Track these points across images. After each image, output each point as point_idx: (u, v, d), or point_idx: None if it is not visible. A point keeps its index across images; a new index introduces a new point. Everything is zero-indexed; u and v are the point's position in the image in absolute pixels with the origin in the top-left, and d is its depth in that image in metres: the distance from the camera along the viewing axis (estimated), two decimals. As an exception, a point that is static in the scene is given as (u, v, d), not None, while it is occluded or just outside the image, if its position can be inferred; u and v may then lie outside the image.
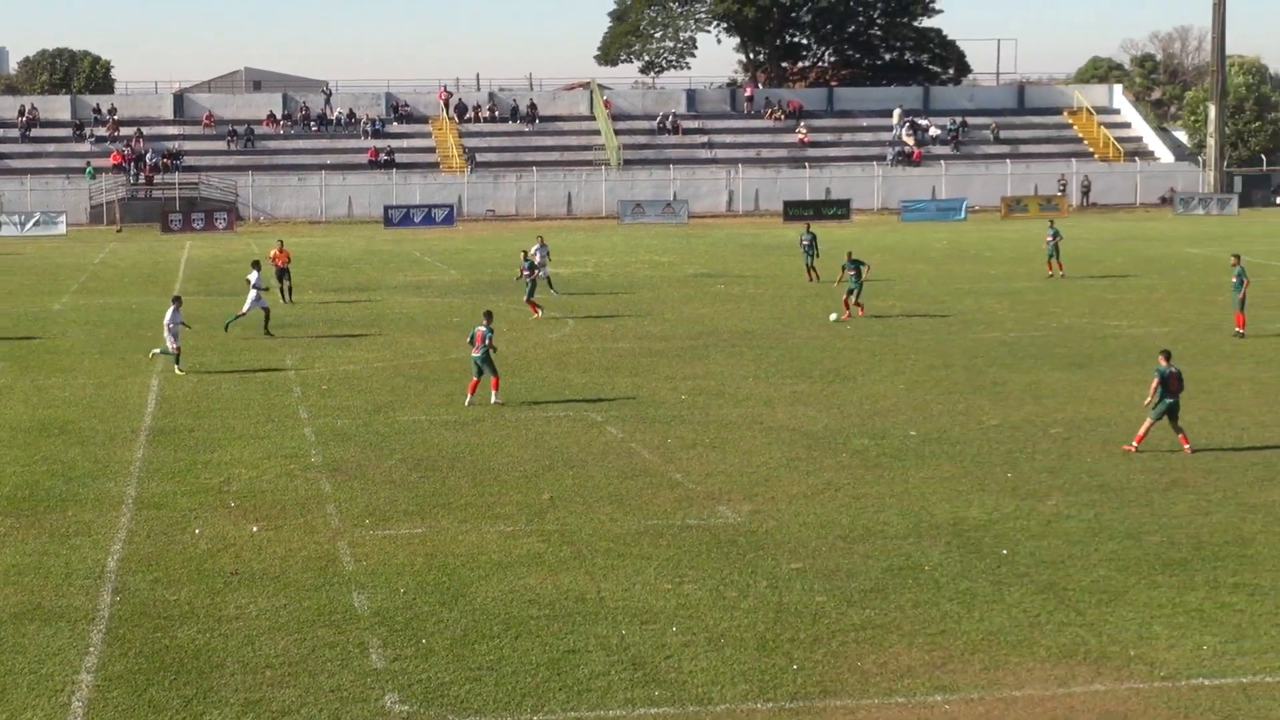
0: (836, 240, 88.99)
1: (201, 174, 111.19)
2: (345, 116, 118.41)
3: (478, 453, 33.51)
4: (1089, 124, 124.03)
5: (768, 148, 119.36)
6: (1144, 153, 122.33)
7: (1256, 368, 42.73)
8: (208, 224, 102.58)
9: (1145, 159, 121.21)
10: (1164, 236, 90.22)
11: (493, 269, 73.36)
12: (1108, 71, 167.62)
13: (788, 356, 46.27)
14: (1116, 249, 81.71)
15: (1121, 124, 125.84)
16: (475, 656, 21.11)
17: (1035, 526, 27.20)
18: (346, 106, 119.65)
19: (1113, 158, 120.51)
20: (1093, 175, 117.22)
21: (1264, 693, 19.58)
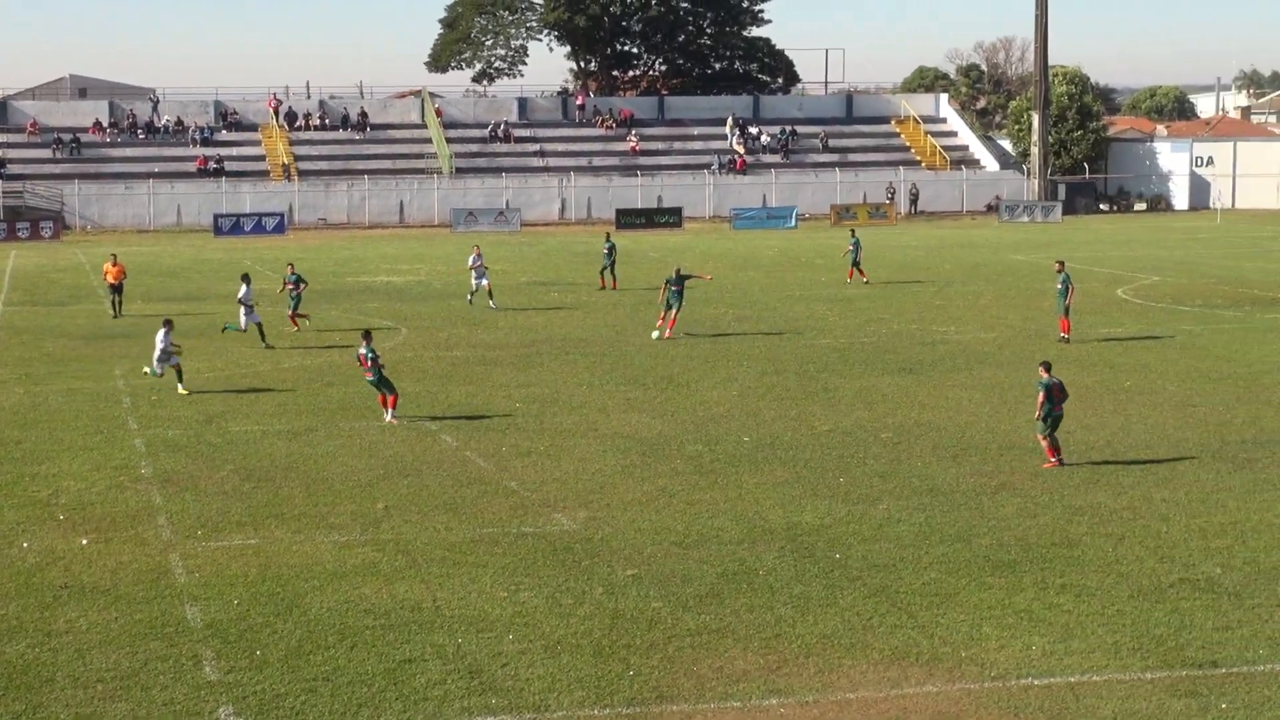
0: (670, 249, 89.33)
1: (26, 183, 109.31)
2: (173, 124, 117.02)
3: (311, 462, 33.28)
4: (916, 133, 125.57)
5: (599, 156, 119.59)
6: (970, 161, 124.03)
7: (1080, 372, 43.49)
8: (33, 233, 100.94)
9: (971, 167, 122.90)
10: (990, 243, 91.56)
11: (325, 278, 72.84)
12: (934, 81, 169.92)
13: (621, 364, 46.41)
14: (943, 256, 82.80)
15: (948, 133, 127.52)
16: (310, 667, 20.97)
17: (867, 530, 27.51)
18: (174, 114, 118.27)
19: (939, 166, 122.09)
20: (920, 183, 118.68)
21: (1091, 691, 19.95)
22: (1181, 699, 19.67)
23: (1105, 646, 21.52)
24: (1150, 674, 20.52)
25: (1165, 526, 27.62)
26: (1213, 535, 27.02)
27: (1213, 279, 68.80)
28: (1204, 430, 36.02)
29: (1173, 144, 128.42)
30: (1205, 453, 33.60)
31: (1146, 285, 66.97)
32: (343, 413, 38.66)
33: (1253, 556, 25.73)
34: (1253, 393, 40.71)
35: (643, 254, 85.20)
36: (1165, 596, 23.68)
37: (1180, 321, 54.95)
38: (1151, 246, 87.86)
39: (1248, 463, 32.56)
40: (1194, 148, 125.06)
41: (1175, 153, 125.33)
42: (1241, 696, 19.72)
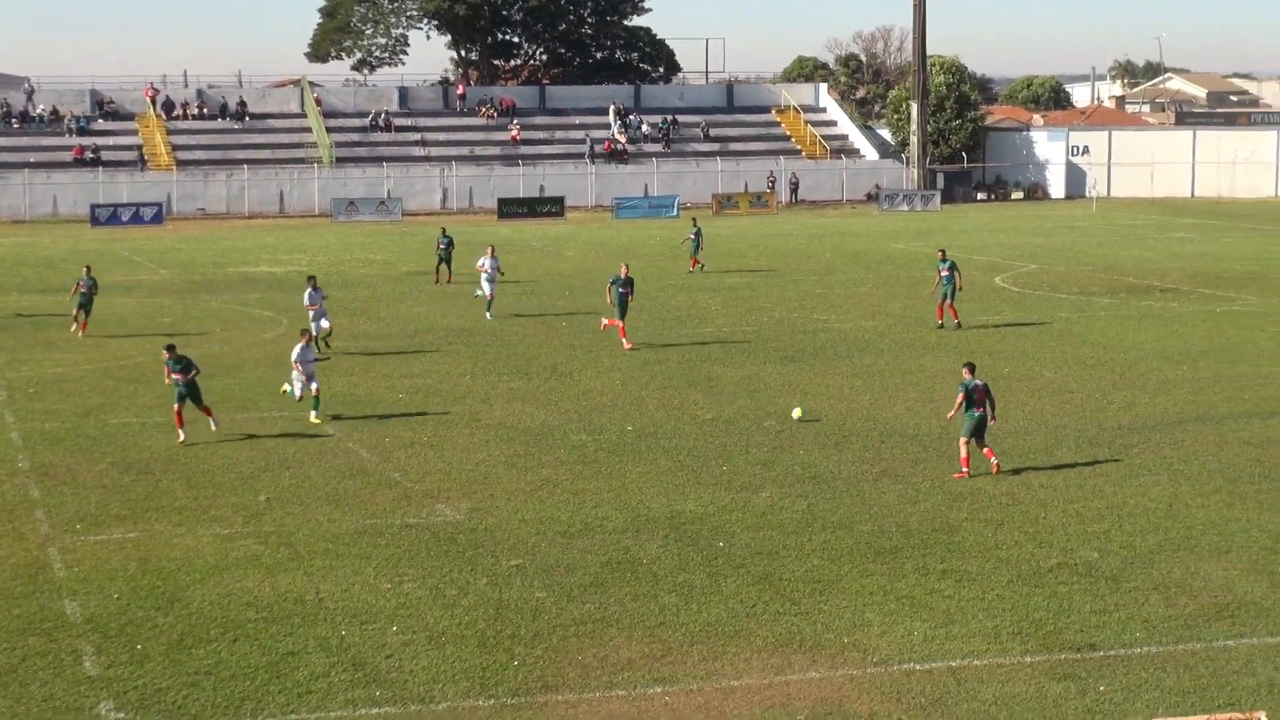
0: (553, 238, 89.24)
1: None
2: (49, 114, 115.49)
3: (191, 455, 33.03)
4: (796, 122, 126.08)
5: (481, 145, 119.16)
6: (850, 150, 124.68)
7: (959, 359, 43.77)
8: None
9: (851, 156, 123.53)
10: (869, 232, 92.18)
11: (204, 268, 72.23)
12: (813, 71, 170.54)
13: (505, 354, 46.35)
14: (824, 244, 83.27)
15: (827, 122, 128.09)
16: (192, 661, 20.84)
17: (750, 518, 27.66)
18: (50, 103, 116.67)
19: (819, 155, 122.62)
20: (801, 172, 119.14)
21: (972, 675, 20.18)
22: (1060, 682, 19.94)
23: (985, 631, 21.77)
24: (1030, 658, 20.79)
25: (1044, 512, 27.96)
26: (1090, 520, 27.39)
27: (1089, 266, 69.61)
28: (1081, 416, 36.48)
29: (1049, 133, 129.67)
30: (1082, 439, 34.03)
31: (1024, 273, 67.67)
32: (223, 404, 38.32)
33: (1129, 540, 26.11)
34: (1128, 379, 41.26)
35: (525, 243, 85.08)
36: (1044, 581, 23.98)
37: (1057, 309, 55.58)
38: (1028, 234, 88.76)
39: (1124, 448, 33.01)
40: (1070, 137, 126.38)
41: (1051, 142, 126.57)
42: (1119, 679, 20.01)
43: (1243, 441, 33.60)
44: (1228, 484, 29.89)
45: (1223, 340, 47.87)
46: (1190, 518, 27.56)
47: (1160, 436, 34.16)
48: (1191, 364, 43.51)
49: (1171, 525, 27.07)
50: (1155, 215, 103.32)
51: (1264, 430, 34.74)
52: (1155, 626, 21.96)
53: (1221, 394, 39.09)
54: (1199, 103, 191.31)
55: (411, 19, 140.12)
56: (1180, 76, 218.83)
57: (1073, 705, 19.19)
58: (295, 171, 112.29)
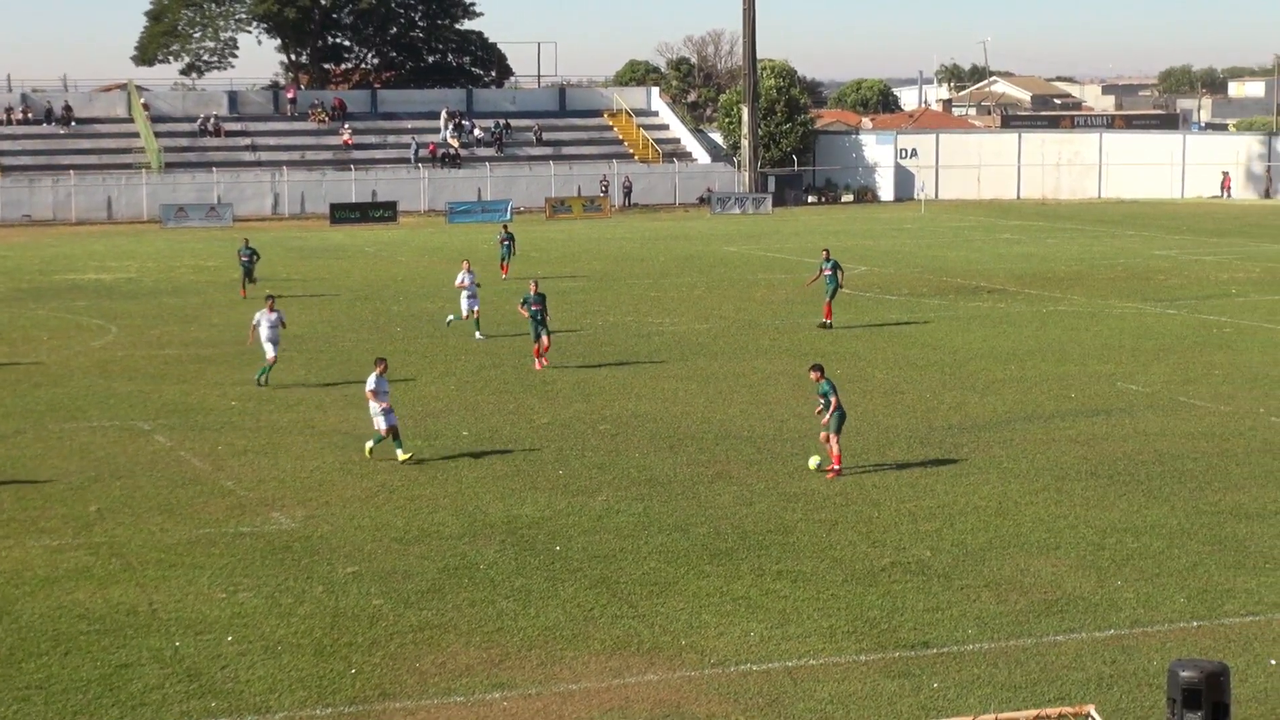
0: (385, 243, 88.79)
1: None
2: None
3: (19, 465, 32.50)
4: (629, 126, 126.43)
5: (312, 149, 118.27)
6: (682, 154, 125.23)
7: (792, 361, 44.26)
8: None
9: (683, 160, 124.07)
10: (702, 235, 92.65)
11: (31, 276, 71.03)
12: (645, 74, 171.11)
13: (339, 360, 46.07)
14: (658, 248, 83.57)
15: (660, 126, 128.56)
16: (23, 675, 20.53)
17: (587, 522, 27.73)
18: None
19: (652, 159, 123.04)
20: (634, 176, 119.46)
21: (809, 675, 20.38)
22: (895, 679, 20.20)
23: (821, 631, 22.00)
24: (865, 656, 21.04)
25: (876, 511, 28.29)
26: (922, 519, 27.76)
27: (918, 268, 70.48)
28: (912, 416, 36.95)
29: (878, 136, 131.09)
30: (913, 438, 34.47)
31: (854, 275, 68.30)
32: (51, 414, 37.78)
33: (960, 539, 26.49)
34: (958, 379, 41.85)
35: (358, 249, 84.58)
36: (878, 580, 24.27)
37: (887, 310, 56.22)
38: (859, 237, 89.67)
39: (954, 447, 33.48)
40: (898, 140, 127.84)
41: (880, 145, 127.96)
42: (952, 675, 20.31)
43: (1070, 439, 34.20)
44: (1056, 481, 30.42)
45: (1049, 340, 48.68)
46: (1020, 515, 28.02)
47: (990, 435, 34.69)
48: (1019, 363, 44.21)
49: (1002, 523, 27.51)
50: (982, 217, 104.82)
51: (1090, 428, 35.39)
52: (987, 623, 22.31)
53: (1049, 393, 39.76)
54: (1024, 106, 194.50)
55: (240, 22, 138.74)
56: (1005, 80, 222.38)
57: (907, 702, 19.45)
58: (123, 177, 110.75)
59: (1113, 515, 27.99)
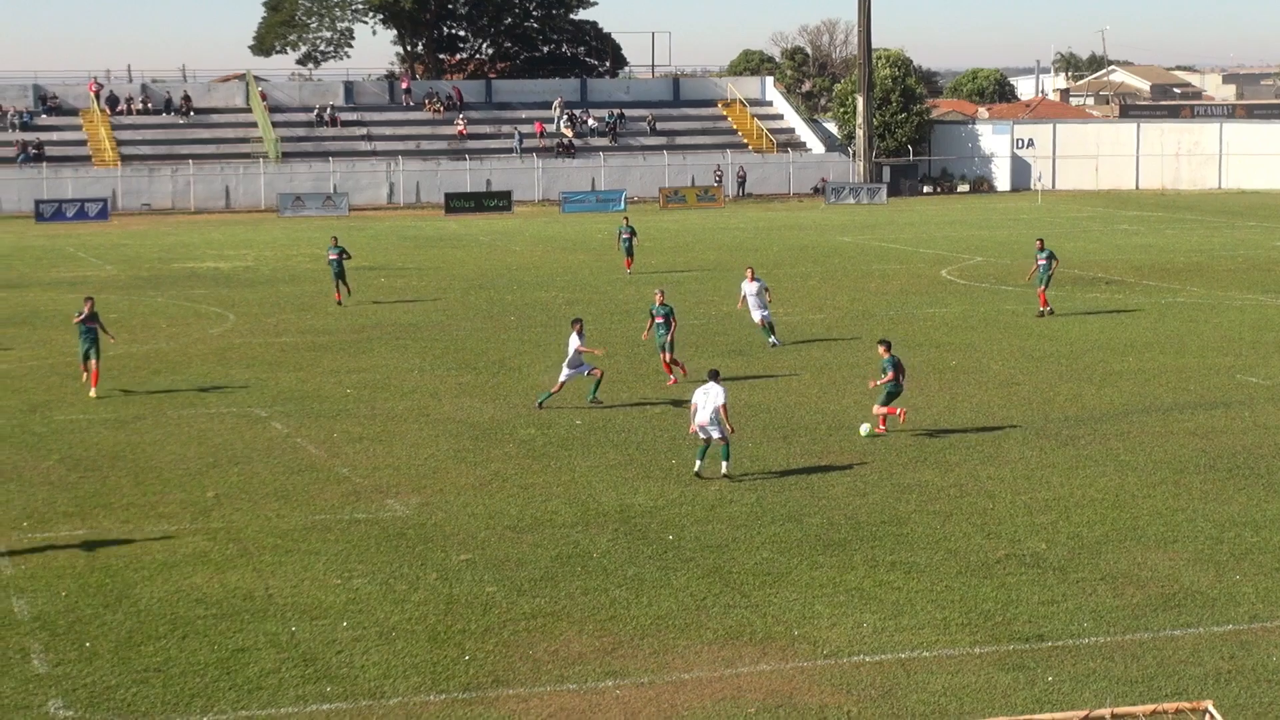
0: (500, 232, 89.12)
1: None
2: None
3: (139, 451, 32.88)
4: (743, 116, 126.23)
5: (427, 139, 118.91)
6: (796, 144, 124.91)
7: (907, 352, 43.90)
8: None
9: (797, 150, 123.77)
10: (816, 225, 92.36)
11: (150, 264, 71.86)
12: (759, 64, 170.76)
13: (453, 348, 46.30)
14: (772, 238, 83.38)
15: (774, 115, 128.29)
16: (141, 658, 20.76)
17: (700, 511, 27.70)
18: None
19: (766, 149, 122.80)
20: (748, 166, 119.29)
21: (922, 667, 20.26)
22: (1009, 672, 20.04)
23: (934, 623, 21.86)
24: (979, 649, 20.89)
25: (992, 503, 28.09)
26: (1038, 511, 27.52)
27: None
28: (1028, 408, 36.65)
29: (994, 126, 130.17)
30: (1029, 430, 34.19)
31: (970, 266, 67.93)
32: (170, 400, 38.21)
33: (1076, 531, 26.24)
34: (1074, 370, 41.47)
35: (473, 238, 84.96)
36: (992, 572, 24.09)
37: (1003, 301, 55.80)
38: (974, 227, 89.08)
39: (1070, 439, 33.18)
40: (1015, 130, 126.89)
41: (997, 135, 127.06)
42: (1067, 669, 20.13)
43: (1188, 432, 33.81)
44: (1174, 474, 30.08)
45: (1167, 332, 48.15)
46: (1137, 508, 27.73)
47: (1107, 427, 34.35)
48: (1137, 355, 43.76)
49: (1118, 516, 27.23)
50: (1100, 208, 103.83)
51: (1209, 420, 34.98)
52: (1103, 617, 22.09)
53: (1167, 385, 39.33)
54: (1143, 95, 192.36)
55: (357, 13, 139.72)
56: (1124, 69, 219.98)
57: (1021, 695, 19.30)
58: (241, 167, 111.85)
59: (1231, 509, 27.65)
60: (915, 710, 18.88)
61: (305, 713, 19.01)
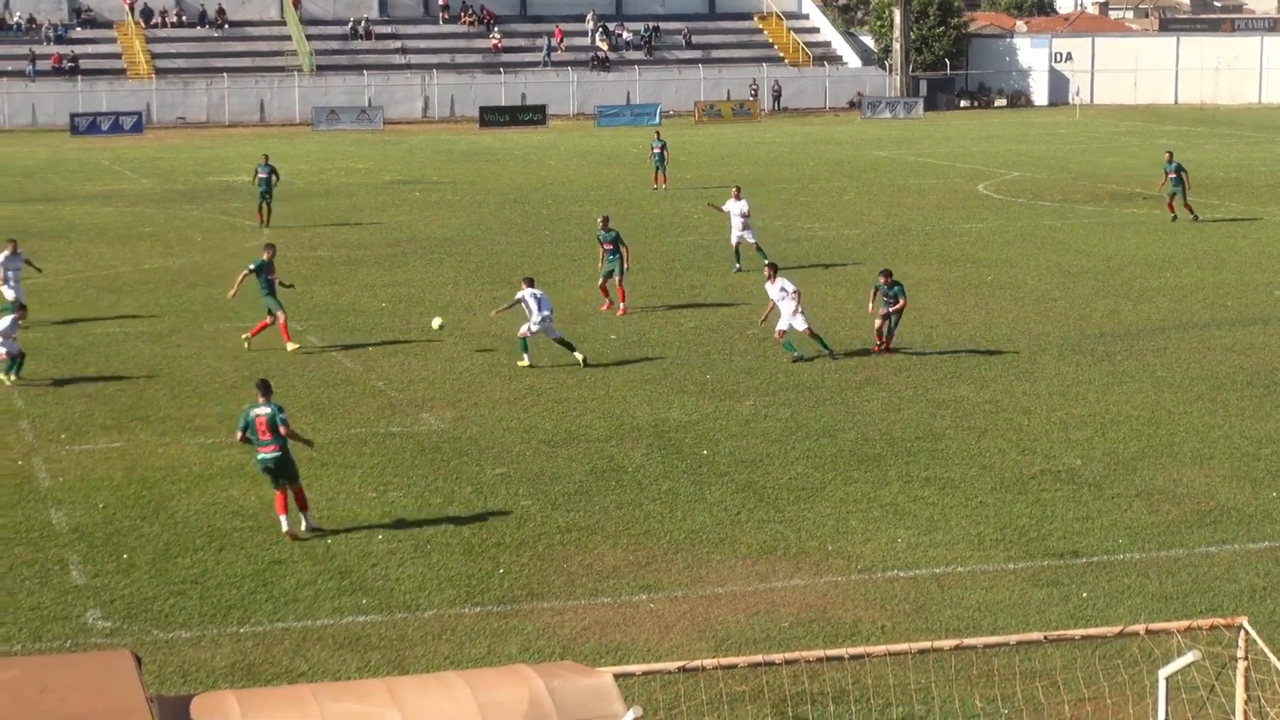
0: (534, 146, 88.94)
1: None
2: (25, 22, 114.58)
3: (175, 365, 32.98)
4: (779, 29, 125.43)
5: (462, 53, 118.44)
6: (832, 57, 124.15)
7: (943, 267, 43.93)
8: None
9: (834, 64, 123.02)
10: (853, 140, 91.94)
11: (186, 177, 71.90)
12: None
13: (488, 263, 46.28)
14: (807, 153, 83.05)
15: (810, 29, 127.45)
16: (178, 570, 20.90)
17: (734, 426, 27.71)
18: (26, 11, 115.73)
19: (802, 63, 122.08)
20: (783, 80, 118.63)
21: (955, 582, 20.29)
22: (1044, 588, 20.05)
23: (969, 538, 21.88)
24: (1013, 564, 20.90)
25: (1027, 419, 28.04)
26: (1073, 427, 27.47)
27: (1072, 174, 69.49)
28: (1064, 324, 36.53)
29: (1032, 40, 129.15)
30: (1065, 346, 34.08)
31: (1007, 181, 67.57)
32: (206, 314, 38.30)
33: (1112, 448, 26.19)
34: (1111, 286, 41.29)
35: (507, 152, 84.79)
36: (1027, 488, 24.08)
37: (1040, 216, 55.54)
38: (1012, 142, 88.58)
39: (1106, 356, 33.07)
40: (1053, 44, 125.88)
41: (1035, 49, 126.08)
42: (1102, 585, 20.13)
43: (1225, 348, 33.67)
44: (1210, 391, 29.97)
45: (1205, 248, 47.88)
46: (1173, 425, 27.65)
47: (1143, 344, 34.22)
48: (1174, 271, 43.54)
49: (1154, 432, 27.16)
50: (1139, 122, 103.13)
51: (1247, 337, 34.82)
52: (1138, 533, 22.08)
53: (1204, 301, 39.15)
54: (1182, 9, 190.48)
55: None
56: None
57: (1055, 611, 19.31)
58: (275, 80, 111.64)
59: (1269, 425, 27.55)
60: (949, 625, 18.91)
61: (341, 624, 19.13)
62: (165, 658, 18.15)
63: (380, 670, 17.67)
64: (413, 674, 16.55)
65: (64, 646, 18.52)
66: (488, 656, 18.05)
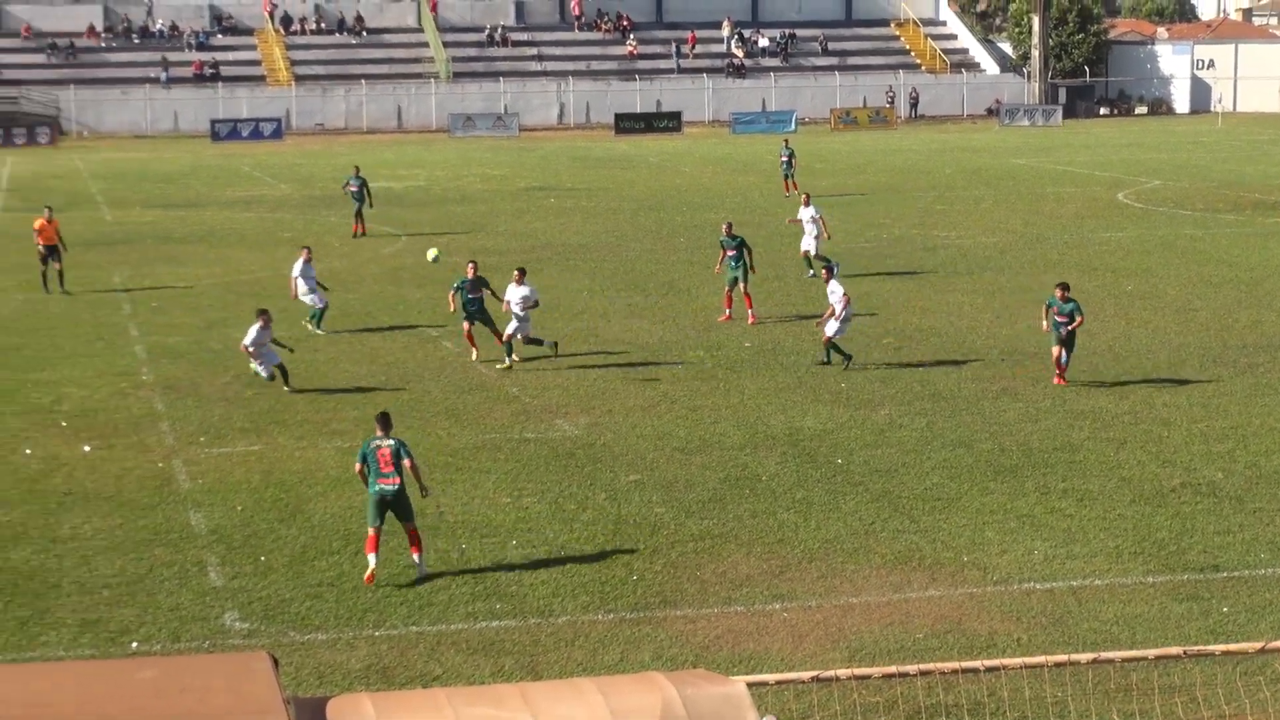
0: (669, 153, 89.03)
1: (21, 88, 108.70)
2: (168, 29, 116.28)
3: (312, 369, 33.28)
4: (916, 36, 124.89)
5: (598, 60, 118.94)
6: (970, 64, 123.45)
7: (1081, 276, 43.44)
8: (29, 139, 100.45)
9: (971, 71, 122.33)
10: (990, 148, 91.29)
11: (324, 183, 72.62)
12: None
13: (622, 269, 46.35)
14: (944, 160, 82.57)
15: (948, 35, 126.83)
16: (315, 573, 21.06)
17: (869, 435, 27.55)
18: (169, 19, 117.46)
19: (939, 69, 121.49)
20: (920, 87, 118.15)
21: (1093, 595, 20.03)
22: (1183, 602, 19.76)
23: (1107, 551, 21.60)
24: (1152, 578, 20.61)
25: (1167, 431, 27.66)
26: (1214, 440, 27.06)
27: (1214, 183, 68.61)
28: (1205, 335, 36.02)
29: (1174, 46, 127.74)
30: (1206, 357, 33.60)
31: (1147, 189, 66.80)
32: (343, 319, 38.62)
33: (1254, 460, 25.78)
34: (1254, 297, 40.68)
35: (642, 159, 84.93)
36: (1167, 501, 23.74)
37: (1181, 226, 54.84)
38: (1152, 150, 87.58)
39: (1249, 367, 32.57)
40: (1195, 50, 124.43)
41: (1176, 55, 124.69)
42: (1243, 600, 19.81)
43: (1371, 361, 33.06)
44: (1355, 404, 29.42)
45: (1351, 258, 47.07)
46: (1317, 438, 27.17)
47: (1286, 355, 33.67)
48: (1319, 282, 42.84)
49: (1297, 445, 26.70)
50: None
51: (1393, 349, 34.17)
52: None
53: (1349, 312, 38.47)
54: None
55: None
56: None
57: (1195, 626, 19.02)
58: (412, 86, 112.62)
59: None
60: (1086, 639, 18.67)
61: (475, 629, 19.19)
62: (301, 659, 18.29)
63: (514, 675, 17.70)
64: (546, 679, 16.57)
65: (202, 647, 18.72)
66: (621, 663, 18.04)
